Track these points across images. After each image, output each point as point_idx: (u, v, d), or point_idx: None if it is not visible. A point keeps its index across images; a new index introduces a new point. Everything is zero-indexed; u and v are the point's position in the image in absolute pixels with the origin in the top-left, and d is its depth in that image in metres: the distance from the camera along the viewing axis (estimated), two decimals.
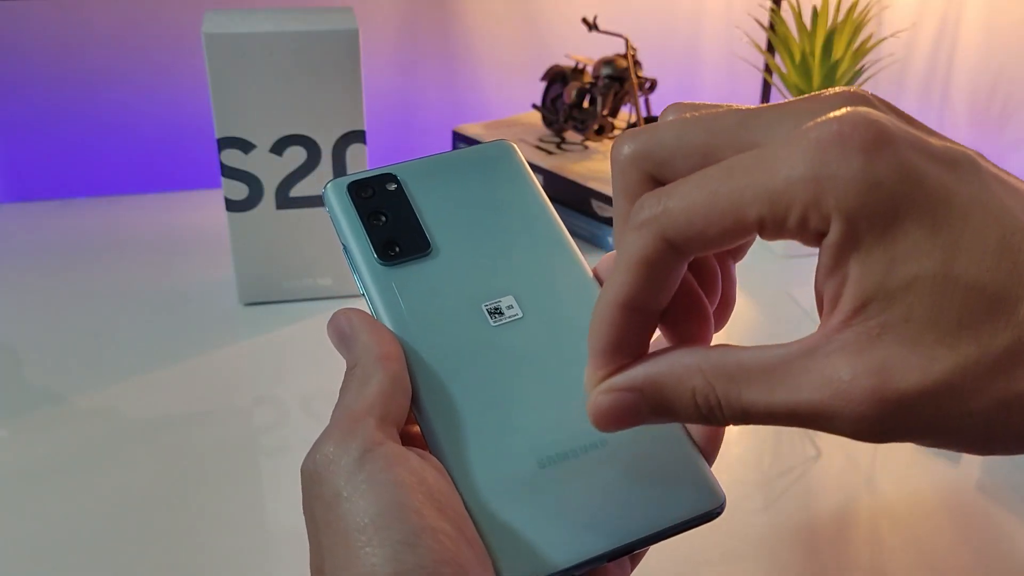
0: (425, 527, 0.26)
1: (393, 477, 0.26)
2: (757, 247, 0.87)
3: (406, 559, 0.25)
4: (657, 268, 0.26)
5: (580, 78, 0.97)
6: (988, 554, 0.51)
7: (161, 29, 0.99)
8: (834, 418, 0.23)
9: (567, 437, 0.30)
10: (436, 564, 0.25)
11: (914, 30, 0.98)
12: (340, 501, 0.26)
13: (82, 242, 0.87)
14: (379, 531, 0.25)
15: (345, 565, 0.26)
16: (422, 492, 0.26)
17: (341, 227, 0.33)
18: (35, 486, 0.55)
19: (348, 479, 0.26)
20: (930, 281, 0.22)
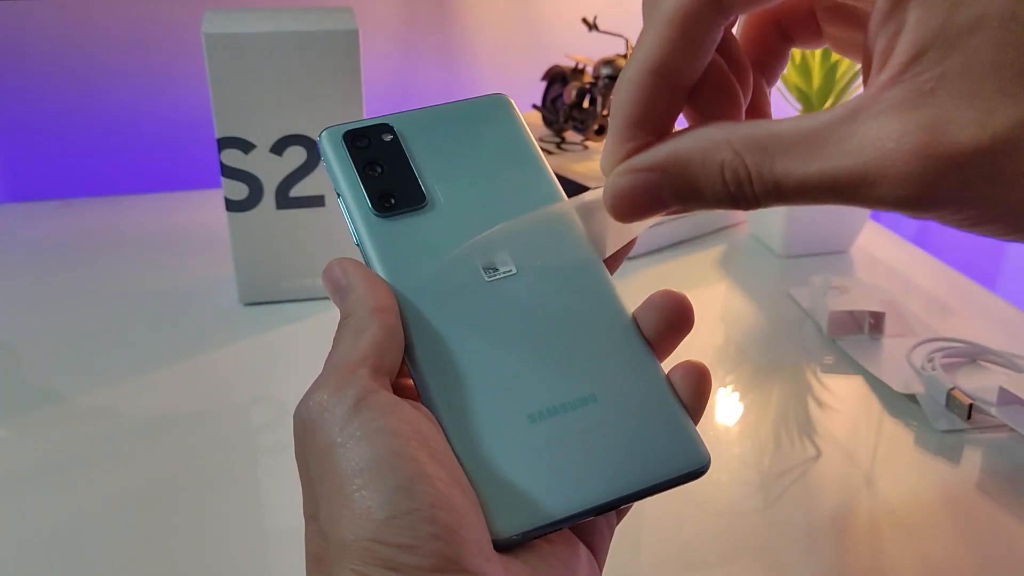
0: (420, 473, 0.26)
1: (387, 425, 0.26)
2: (757, 247, 0.87)
3: (401, 503, 0.25)
4: (696, 26, 0.24)
5: (580, 78, 0.97)
6: (988, 554, 0.51)
7: (161, 29, 0.99)
8: (877, 182, 0.21)
9: (558, 393, 0.30)
10: (431, 508, 0.25)
11: None
12: (335, 449, 0.26)
13: (82, 242, 0.87)
14: (374, 478, 0.25)
15: (340, 511, 0.26)
16: (416, 440, 0.26)
17: (336, 176, 0.33)
18: (35, 486, 0.55)
19: (343, 427, 0.26)
20: (997, 21, 0.20)
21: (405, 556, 0.25)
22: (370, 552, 0.25)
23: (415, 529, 0.25)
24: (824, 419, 0.62)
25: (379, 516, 0.25)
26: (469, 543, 0.26)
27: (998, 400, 0.60)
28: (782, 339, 0.72)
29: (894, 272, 0.84)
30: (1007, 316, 0.76)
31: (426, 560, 0.25)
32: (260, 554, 0.50)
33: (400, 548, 0.25)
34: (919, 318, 0.73)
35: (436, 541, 0.25)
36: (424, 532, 0.25)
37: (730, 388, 0.66)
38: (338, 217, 0.73)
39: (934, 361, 0.64)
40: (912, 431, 0.60)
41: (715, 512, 0.53)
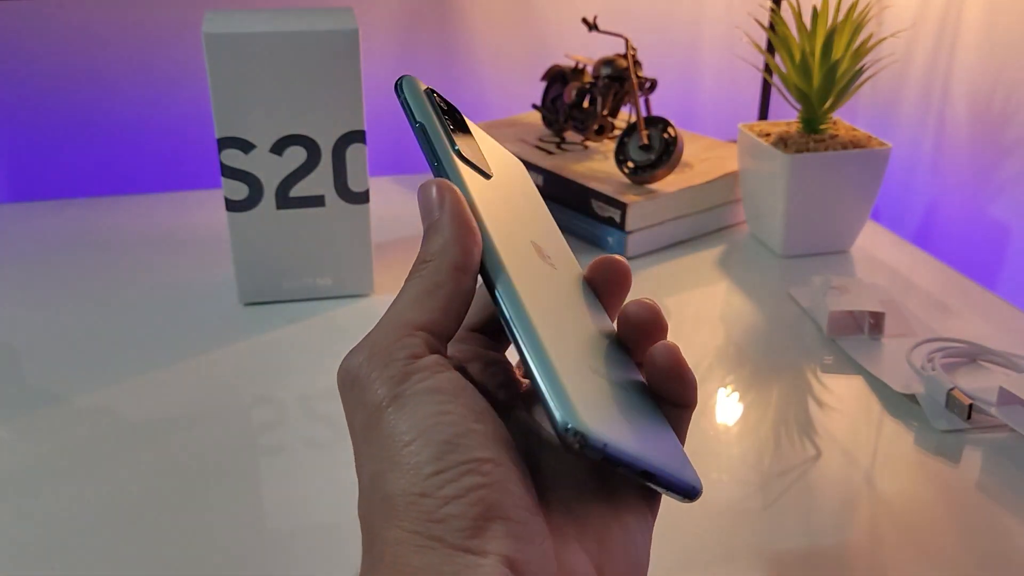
0: (466, 429, 0.27)
1: (435, 384, 0.27)
2: (757, 247, 0.87)
3: (448, 457, 0.26)
4: None
5: (580, 78, 0.97)
6: (988, 554, 0.51)
7: (161, 29, 0.99)
8: None
9: (609, 367, 0.30)
10: (476, 461, 0.26)
11: (914, 30, 0.98)
12: (383, 408, 0.27)
13: (82, 242, 0.87)
14: (422, 434, 0.27)
15: (388, 468, 0.27)
16: (462, 399, 0.28)
17: (420, 107, 0.33)
18: (35, 486, 0.55)
19: (392, 387, 0.28)
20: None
21: (450, 508, 0.26)
22: (416, 506, 0.26)
23: (460, 481, 0.26)
24: (824, 419, 0.62)
25: (426, 471, 0.26)
26: (513, 495, 0.27)
27: (998, 400, 0.60)
28: (782, 339, 0.72)
29: (894, 272, 0.84)
30: (1007, 316, 0.76)
31: (471, 509, 0.26)
32: (260, 554, 0.50)
33: (445, 500, 0.26)
34: (919, 318, 0.73)
35: (480, 490, 0.26)
36: (469, 483, 0.26)
37: (730, 388, 0.66)
38: (338, 217, 0.73)
39: (934, 361, 0.64)
40: (912, 431, 0.60)
41: (715, 512, 0.53)
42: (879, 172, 0.83)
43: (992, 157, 0.90)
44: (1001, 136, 0.89)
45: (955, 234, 0.96)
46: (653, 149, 0.87)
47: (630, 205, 0.83)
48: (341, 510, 0.53)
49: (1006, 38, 0.87)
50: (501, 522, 0.26)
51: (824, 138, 0.83)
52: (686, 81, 1.15)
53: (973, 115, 0.92)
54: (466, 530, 0.26)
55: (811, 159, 0.80)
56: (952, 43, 0.94)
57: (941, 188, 0.98)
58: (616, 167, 0.89)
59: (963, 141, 0.94)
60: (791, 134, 0.84)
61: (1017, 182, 0.87)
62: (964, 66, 0.93)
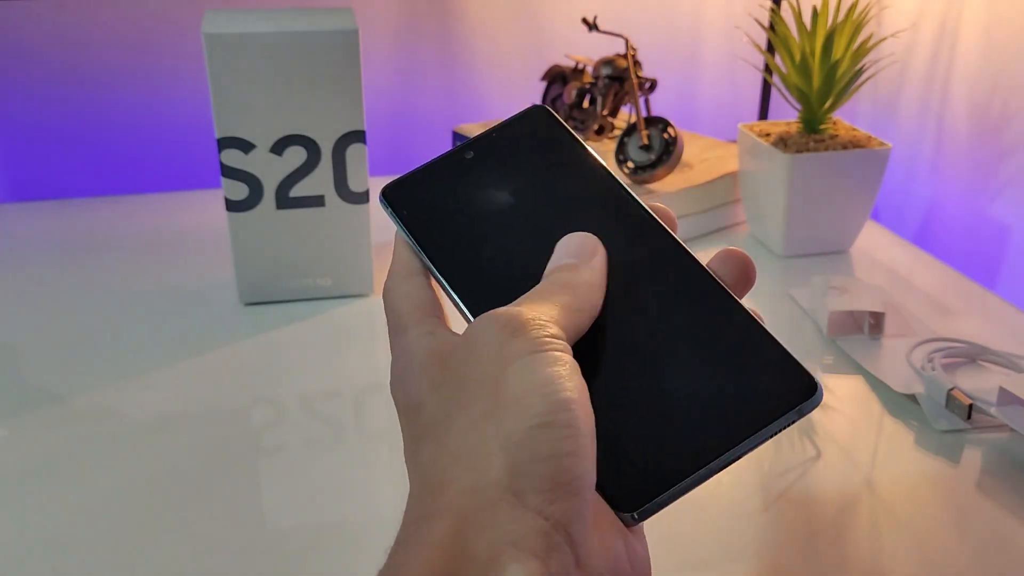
0: (580, 400, 0.27)
1: (560, 357, 0.28)
2: (757, 247, 0.87)
3: (559, 416, 0.26)
4: None
5: (580, 78, 0.97)
6: (988, 554, 0.51)
7: (161, 29, 0.99)
8: None
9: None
10: (579, 426, 0.26)
11: (914, 30, 0.98)
12: (509, 369, 0.28)
13: (82, 242, 0.87)
14: (541, 389, 0.27)
15: (491, 410, 0.27)
16: (578, 375, 0.28)
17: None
18: (35, 486, 0.55)
19: (522, 354, 0.28)
20: None
21: (539, 465, 0.26)
22: (509, 453, 0.26)
23: (563, 443, 0.26)
24: (824, 419, 0.62)
25: (535, 423, 0.26)
26: (591, 471, 0.27)
27: (998, 400, 0.60)
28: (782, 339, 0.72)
29: (894, 272, 0.84)
30: (1007, 316, 0.76)
31: (558, 475, 0.26)
32: (260, 554, 0.50)
33: (539, 458, 0.26)
34: (919, 318, 0.73)
35: (573, 458, 0.26)
36: (568, 448, 0.26)
37: None
38: (338, 217, 0.73)
39: (934, 361, 0.64)
40: (912, 431, 0.60)
41: (715, 512, 0.53)
42: (879, 172, 0.83)
43: (992, 157, 0.90)
44: (1001, 136, 0.89)
45: (955, 234, 0.96)
46: (653, 149, 0.87)
47: None
48: (341, 510, 0.53)
49: (1006, 38, 0.87)
50: (578, 497, 0.26)
51: (824, 138, 0.83)
52: (686, 81, 1.15)
53: (973, 115, 0.92)
54: (547, 492, 0.26)
55: (811, 159, 0.81)
56: (952, 43, 0.94)
57: (941, 188, 0.98)
58: (616, 167, 0.89)
59: (963, 141, 0.94)
60: (791, 134, 0.84)
61: (1017, 182, 0.87)
62: (964, 66, 0.93)
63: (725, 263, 0.33)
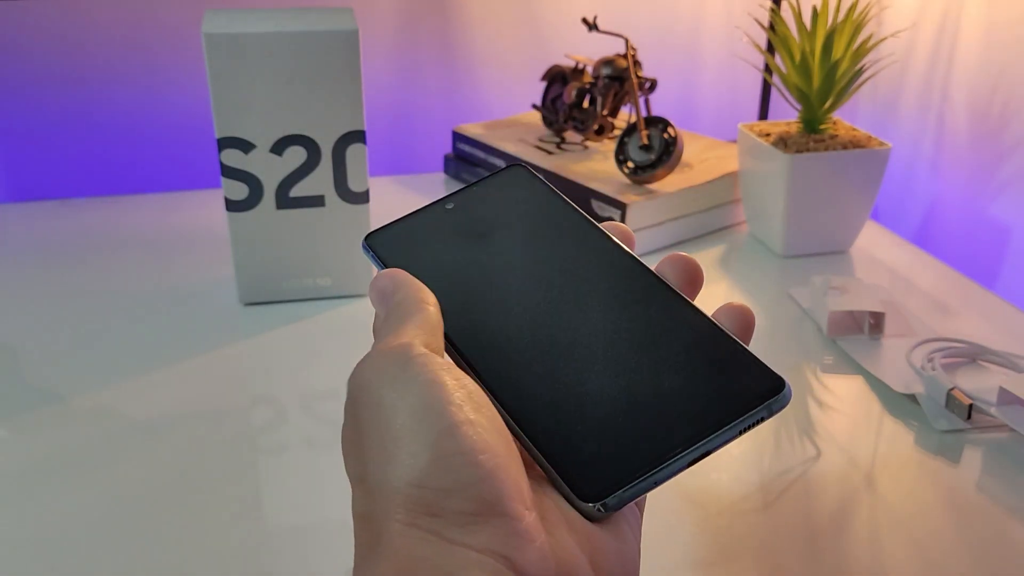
0: (464, 420, 0.27)
1: (435, 377, 0.28)
2: (757, 247, 0.87)
3: (445, 446, 0.26)
4: None
5: (580, 78, 0.97)
6: (988, 554, 0.51)
7: (161, 29, 0.99)
8: None
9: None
10: (473, 452, 0.26)
11: (914, 30, 0.98)
12: (384, 401, 0.28)
13: (82, 242, 0.87)
14: (420, 423, 0.27)
15: (387, 459, 0.27)
16: (461, 392, 0.28)
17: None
18: (35, 486, 0.55)
19: (393, 380, 0.28)
20: None
21: (446, 501, 0.26)
22: (413, 499, 0.26)
23: (458, 472, 0.26)
24: (824, 419, 0.62)
25: (423, 460, 0.26)
26: (510, 488, 0.27)
27: (998, 400, 0.60)
28: (782, 339, 0.72)
29: (894, 272, 0.84)
30: (1007, 316, 0.76)
31: (467, 504, 0.26)
32: (260, 554, 0.50)
33: (442, 492, 0.26)
34: (919, 318, 0.73)
35: (478, 485, 0.26)
36: (466, 476, 0.26)
37: None
38: (338, 217, 0.73)
39: (934, 361, 0.64)
40: (912, 431, 0.60)
41: (715, 512, 0.53)
42: (879, 172, 0.83)
43: (992, 157, 0.90)
44: (1001, 136, 0.89)
45: (955, 234, 0.96)
46: (653, 149, 0.87)
47: (630, 205, 0.83)
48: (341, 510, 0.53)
49: (1006, 38, 0.87)
50: (499, 519, 0.26)
51: (824, 138, 0.83)
52: (686, 81, 1.15)
53: (973, 115, 0.92)
54: (466, 525, 0.26)
55: (811, 159, 0.81)
56: (952, 43, 0.94)
57: (941, 188, 0.98)
58: (616, 167, 0.89)
59: (963, 141, 0.94)
60: (791, 134, 0.84)
61: (1017, 182, 0.87)
62: (964, 66, 0.93)
63: (673, 266, 0.34)
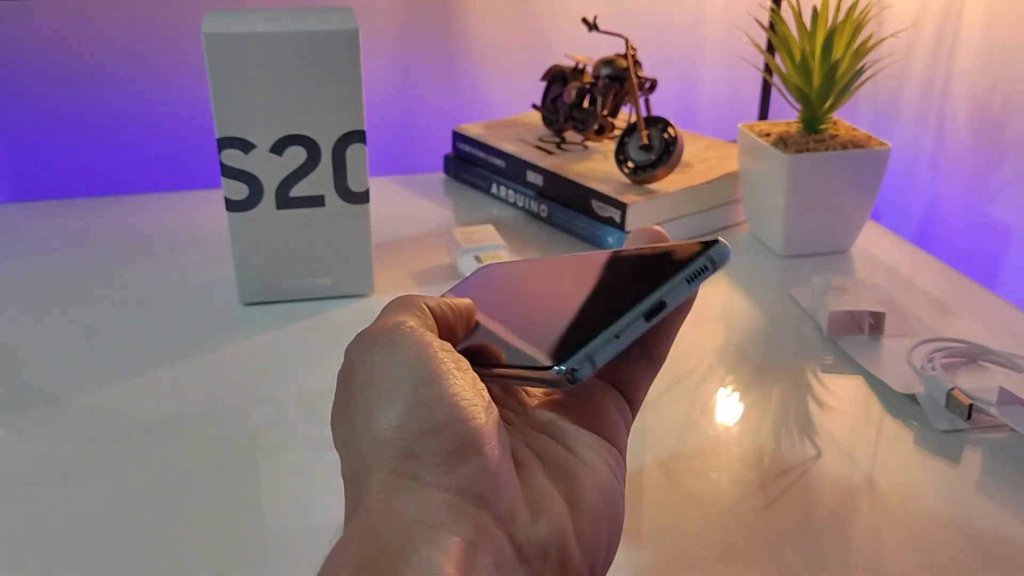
0: (446, 371, 0.28)
1: (421, 339, 0.29)
2: (757, 247, 0.87)
3: (425, 391, 0.28)
4: None
5: (580, 78, 0.97)
6: (988, 554, 0.51)
7: (161, 29, 0.99)
8: None
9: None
10: (453, 396, 0.28)
11: (914, 30, 0.98)
12: (373, 363, 0.29)
13: (82, 242, 0.87)
14: (404, 375, 0.28)
15: (371, 412, 0.28)
16: (445, 352, 0.29)
17: None
18: (35, 486, 0.55)
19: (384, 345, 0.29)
20: None
21: (424, 441, 0.27)
22: (395, 443, 0.27)
23: (437, 413, 0.27)
24: (824, 419, 0.62)
25: (404, 405, 0.27)
26: (487, 431, 0.27)
27: (998, 400, 0.60)
28: (782, 339, 0.72)
29: (894, 272, 0.84)
30: (1007, 316, 0.76)
31: (444, 444, 0.27)
32: (260, 554, 0.50)
33: (420, 432, 0.27)
34: (919, 318, 0.73)
35: (455, 424, 0.27)
36: (444, 416, 0.27)
37: (730, 388, 0.66)
38: (338, 217, 0.73)
39: (934, 361, 0.64)
40: (912, 431, 0.60)
41: (715, 512, 0.53)
42: (879, 172, 0.83)
43: (992, 157, 0.90)
44: (1001, 136, 0.89)
45: (955, 234, 0.96)
46: (653, 149, 0.87)
47: (630, 205, 0.83)
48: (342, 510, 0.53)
49: (1006, 38, 0.87)
50: (476, 459, 0.27)
51: (824, 138, 0.83)
52: (686, 81, 1.15)
53: (973, 115, 0.92)
54: (441, 465, 0.27)
55: (811, 159, 0.81)
56: (952, 43, 0.94)
57: (941, 188, 0.98)
58: (616, 167, 0.89)
59: (963, 141, 0.94)
60: (791, 134, 0.84)
61: (1017, 182, 0.87)
62: (964, 66, 0.93)
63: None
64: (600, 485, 0.29)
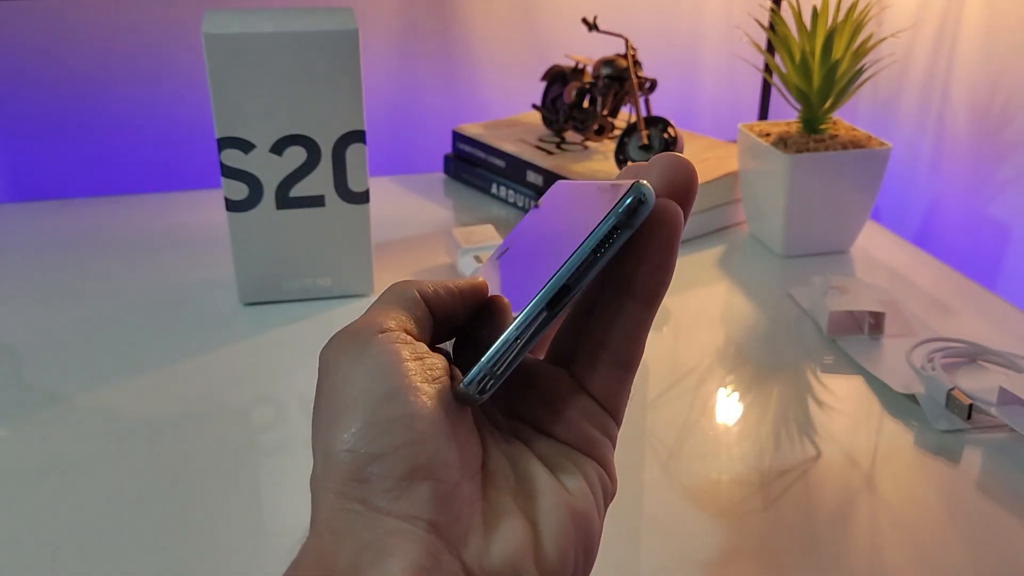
0: (407, 386, 0.27)
1: (389, 348, 0.27)
2: (757, 247, 0.87)
3: (382, 411, 0.26)
4: None
5: (580, 78, 0.97)
6: (988, 554, 0.51)
7: (161, 29, 0.99)
8: None
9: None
10: (410, 417, 0.26)
11: (914, 30, 0.98)
12: (339, 374, 0.28)
13: (82, 242, 0.87)
14: (364, 391, 0.27)
15: (331, 426, 0.27)
16: (414, 362, 0.27)
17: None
18: (35, 486, 0.55)
19: (351, 353, 0.28)
20: None
21: (375, 466, 0.26)
22: (346, 464, 0.26)
23: (391, 437, 0.26)
24: (824, 419, 0.62)
25: (359, 425, 0.26)
26: (444, 455, 0.26)
27: (998, 400, 0.60)
28: (782, 339, 0.72)
29: (894, 272, 0.84)
30: (1007, 316, 0.76)
31: (395, 468, 0.26)
32: (260, 554, 0.50)
33: (372, 456, 0.26)
34: (919, 318, 0.73)
35: (408, 447, 0.26)
36: (398, 439, 0.26)
37: (730, 388, 0.66)
38: (338, 217, 0.73)
39: (934, 361, 0.64)
40: (912, 431, 0.60)
41: (715, 512, 0.53)
42: (879, 172, 0.83)
43: (992, 157, 0.90)
44: (1001, 136, 0.89)
45: (955, 234, 0.96)
46: (653, 149, 0.87)
47: None
48: None
49: (1006, 38, 0.87)
50: (428, 483, 0.26)
51: (824, 138, 0.83)
52: (686, 81, 1.15)
53: (973, 115, 0.92)
54: (391, 491, 0.26)
55: (811, 159, 0.81)
56: (952, 43, 0.94)
57: (941, 188, 0.98)
58: (616, 167, 0.89)
59: (963, 141, 0.94)
60: (791, 134, 0.84)
61: (1017, 182, 0.87)
62: (964, 66, 0.93)
63: (670, 169, 0.30)
64: (574, 507, 0.28)
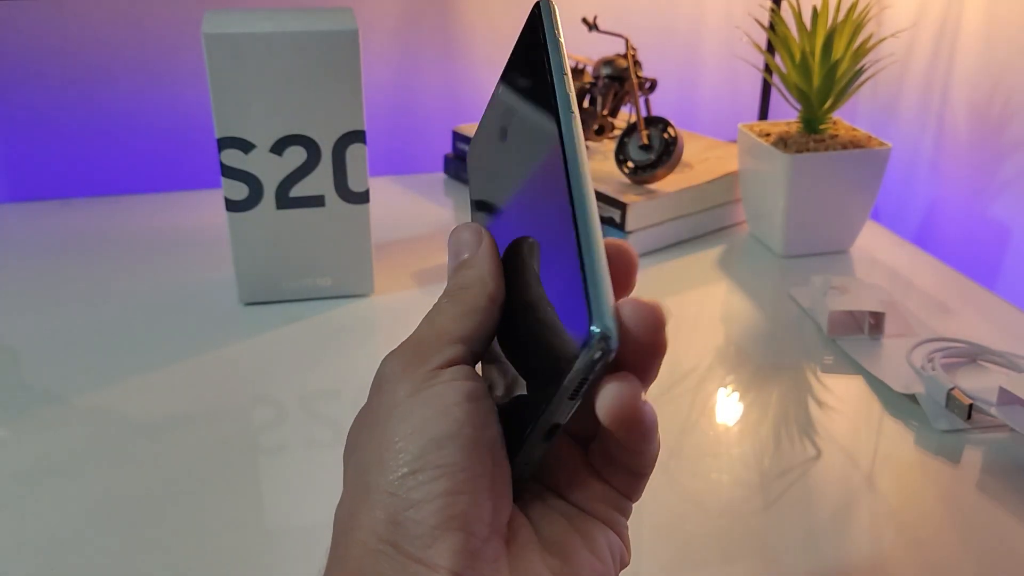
0: (457, 431, 0.27)
1: (451, 388, 0.28)
2: (757, 247, 0.87)
3: (428, 458, 0.26)
4: None
5: (580, 78, 0.97)
6: (988, 554, 0.51)
7: (161, 29, 0.99)
8: None
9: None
10: (454, 467, 0.26)
11: (914, 30, 0.98)
12: (398, 405, 0.28)
13: (82, 242, 0.87)
14: (416, 431, 0.27)
15: (375, 463, 0.27)
16: (471, 404, 0.27)
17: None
18: (35, 486, 0.55)
19: (415, 388, 0.28)
20: None
21: (411, 511, 0.26)
22: (383, 506, 0.26)
23: (432, 485, 0.26)
24: (824, 419, 0.62)
25: (403, 470, 0.26)
26: (480, 508, 0.26)
27: (998, 400, 0.60)
28: (782, 339, 0.72)
29: (894, 272, 0.84)
30: (1007, 316, 0.76)
31: (430, 517, 0.26)
32: (260, 554, 0.50)
33: (410, 502, 0.26)
34: (919, 318, 0.73)
35: (445, 497, 0.26)
36: (439, 488, 0.26)
37: (730, 388, 0.66)
38: (338, 217, 0.73)
39: (934, 361, 0.64)
40: (912, 431, 0.60)
41: (715, 512, 0.53)
42: (879, 172, 0.83)
43: (992, 157, 0.90)
44: (1001, 136, 0.89)
45: (955, 234, 0.96)
46: (653, 149, 0.87)
47: (630, 205, 0.83)
48: None
49: (1006, 38, 0.87)
50: (460, 535, 0.26)
51: (824, 138, 0.83)
52: (686, 81, 1.15)
53: (973, 115, 0.92)
54: (423, 537, 0.26)
55: (811, 159, 0.81)
56: (952, 43, 0.94)
57: (941, 188, 0.98)
58: (616, 167, 0.89)
59: (963, 141, 0.94)
60: (791, 134, 0.84)
61: (1017, 182, 0.87)
62: (964, 66, 0.93)
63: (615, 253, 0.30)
64: (595, 570, 0.29)
